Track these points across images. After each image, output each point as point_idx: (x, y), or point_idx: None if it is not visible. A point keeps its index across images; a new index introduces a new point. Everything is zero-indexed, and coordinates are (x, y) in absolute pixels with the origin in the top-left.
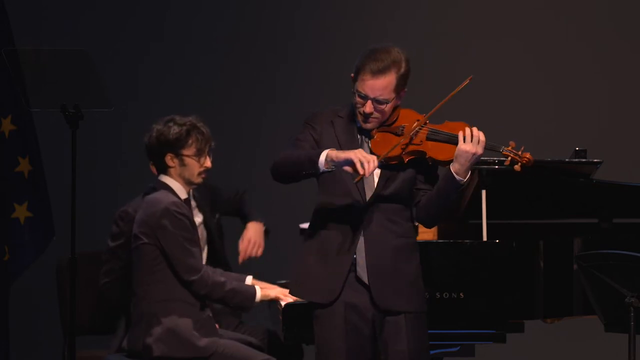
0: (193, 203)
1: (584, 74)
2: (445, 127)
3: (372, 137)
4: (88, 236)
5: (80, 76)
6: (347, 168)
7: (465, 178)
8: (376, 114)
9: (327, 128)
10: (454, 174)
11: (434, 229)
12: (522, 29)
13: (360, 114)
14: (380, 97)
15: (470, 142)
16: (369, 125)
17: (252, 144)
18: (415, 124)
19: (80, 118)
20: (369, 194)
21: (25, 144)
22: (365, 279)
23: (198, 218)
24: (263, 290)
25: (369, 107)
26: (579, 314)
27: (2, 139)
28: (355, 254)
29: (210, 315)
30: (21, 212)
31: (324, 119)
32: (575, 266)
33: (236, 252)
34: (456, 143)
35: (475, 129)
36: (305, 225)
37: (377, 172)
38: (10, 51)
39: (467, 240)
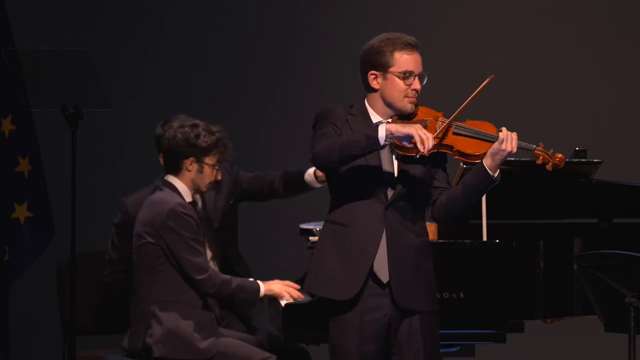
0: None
1: (584, 74)
2: (470, 125)
3: None
4: (88, 236)
5: (80, 76)
6: (405, 143)
7: (496, 174)
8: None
9: (344, 125)
10: (488, 169)
11: (434, 229)
12: (522, 29)
13: (409, 96)
14: (423, 71)
15: (507, 141)
16: (413, 106)
17: (252, 144)
18: (439, 120)
19: (80, 118)
20: (390, 193)
21: (25, 144)
22: (383, 278)
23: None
24: (266, 284)
25: (418, 83)
26: (579, 314)
27: (2, 139)
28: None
29: (213, 317)
30: (21, 212)
31: (339, 116)
32: (575, 266)
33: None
34: (481, 139)
35: (506, 130)
36: (306, 226)
37: (396, 170)
38: (10, 51)
39: (467, 240)
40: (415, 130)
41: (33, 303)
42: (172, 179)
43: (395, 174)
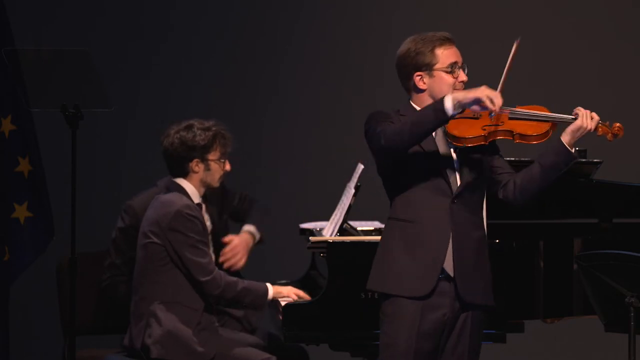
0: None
1: (584, 73)
2: (521, 109)
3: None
4: (88, 236)
5: (80, 76)
6: (475, 107)
7: (574, 150)
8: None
9: (397, 120)
10: (568, 146)
11: None
12: (523, 29)
13: (457, 88)
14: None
15: (587, 118)
16: None
17: (254, 144)
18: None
19: (80, 118)
20: (455, 186)
21: (25, 144)
22: (450, 272)
23: (207, 220)
24: (275, 287)
25: (463, 74)
26: (579, 314)
27: (2, 139)
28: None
29: (214, 320)
30: (21, 212)
31: (389, 115)
32: (575, 266)
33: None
34: (538, 119)
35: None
36: (306, 226)
37: (456, 162)
38: (11, 51)
39: None
40: (480, 91)
41: (33, 303)
42: (180, 180)
43: (456, 167)
